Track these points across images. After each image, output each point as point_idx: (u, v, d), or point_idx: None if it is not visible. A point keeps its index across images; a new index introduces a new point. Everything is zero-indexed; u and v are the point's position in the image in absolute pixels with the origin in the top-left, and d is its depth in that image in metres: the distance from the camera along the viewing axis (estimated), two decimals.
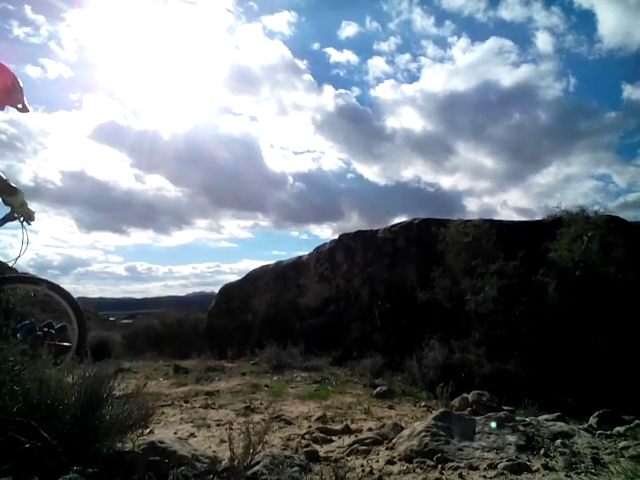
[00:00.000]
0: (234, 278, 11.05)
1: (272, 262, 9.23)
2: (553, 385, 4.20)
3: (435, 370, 4.68)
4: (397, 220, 7.55)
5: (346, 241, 7.57)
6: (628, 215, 5.86)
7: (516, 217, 16.67)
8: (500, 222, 6.57)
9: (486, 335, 4.88)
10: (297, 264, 8.38)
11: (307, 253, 8.37)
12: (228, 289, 9.90)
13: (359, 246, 7.31)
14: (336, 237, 7.97)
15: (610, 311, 4.79)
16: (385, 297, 6.45)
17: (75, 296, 3.40)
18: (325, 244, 8.06)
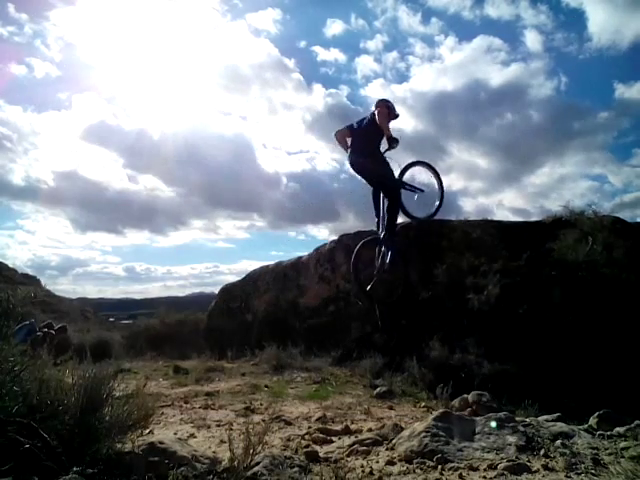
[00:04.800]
0: (233, 278, 11.06)
1: (272, 262, 9.23)
2: (553, 385, 4.19)
3: (435, 371, 4.68)
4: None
5: (346, 241, 7.56)
6: (624, 215, 5.90)
7: (512, 217, 16.64)
8: (500, 222, 6.57)
9: (488, 334, 4.87)
10: (297, 264, 8.37)
11: (307, 253, 8.37)
12: (228, 289, 9.89)
13: None
14: (334, 237, 7.97)
15: (611, 311, 4.79)
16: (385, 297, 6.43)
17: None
18: (325, 244, 8.05)
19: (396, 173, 5.43)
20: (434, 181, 5.55)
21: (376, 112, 5.20)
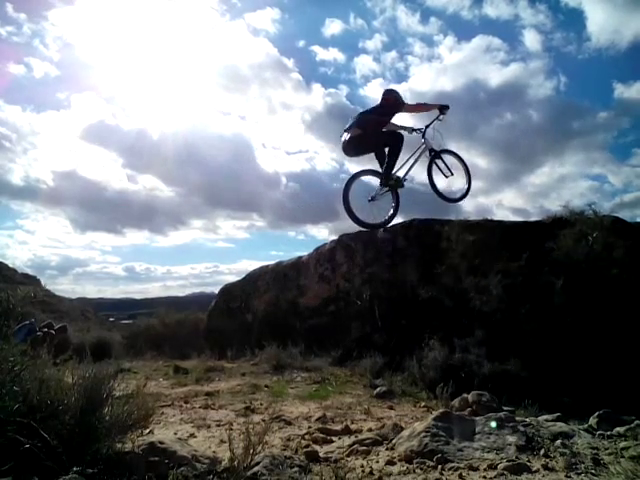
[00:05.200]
0: (233, 278, 11.05)
1: (272, 262, 9.23)
2: (553, 385, 4.19)
3: (435, 370, 4.68)
4: (394, 220, 7.52)
5: (346, 241, 7.56)
6: (624, 215, 5.94)
7: (512, 217, 16.61)
8: (500, 222, 6.57)
9: (488, 334, 4.87)
10: (297, 264, 8.37)
11: (307, 253, 8.36)
12: (228, 289, 9.89)
13: (359, 246, 7.30)
14: (334, 237, 7.96)
15: (612, 311, 4.79)
16: (385, 297, 6.44)
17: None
18: (325, 244, 8.05)
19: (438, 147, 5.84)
20: (462, 169, 5.90)
21: (411, 107, 5.67)
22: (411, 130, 5.88)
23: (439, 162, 6.34)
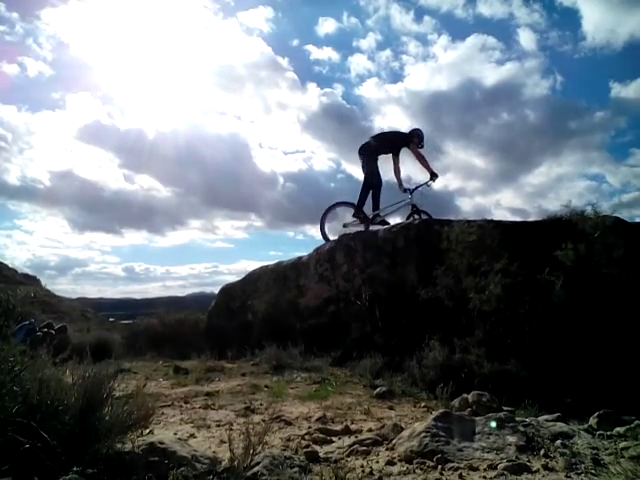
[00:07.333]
0: (232, 278, 11.05)
1: (271, 263, 9.22)
2: (553, 385, 4.19)
3: (435, 370, 4.67)
4: (393, 220, 7.63)
5: (346, 241, 7.54)
6: (622, 215, 6.01)
7: (510, 217, 16.63)
8: (500, 222, 6.56)
9: (488, 334, 4.87)
10: (297, 264, 8.35)
11: (307, 253, 8.35)
12: (228, 289, 9.88)
13: (359, 246, 7.28)
14: (333, 237, 7.96)
15: (612, 312, 4.79)
16: (385, 297, 6.43)
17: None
18: (325, 244, 8.04)
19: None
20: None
21: (416, 151, 7.29)
22: (404, 189, 7.32)
23: (416, 216, 7.35)
